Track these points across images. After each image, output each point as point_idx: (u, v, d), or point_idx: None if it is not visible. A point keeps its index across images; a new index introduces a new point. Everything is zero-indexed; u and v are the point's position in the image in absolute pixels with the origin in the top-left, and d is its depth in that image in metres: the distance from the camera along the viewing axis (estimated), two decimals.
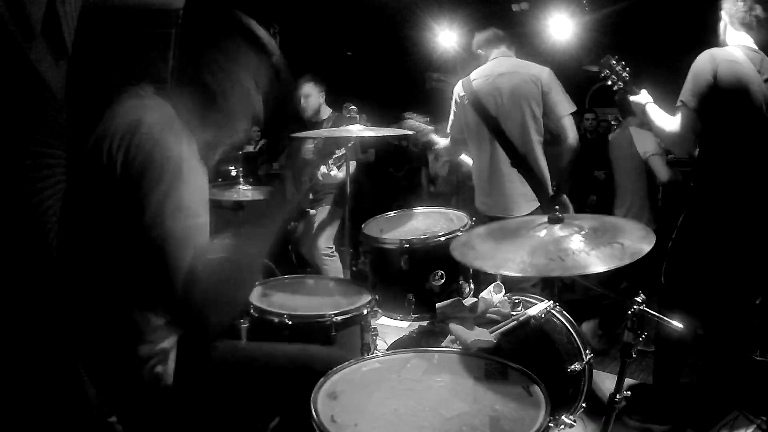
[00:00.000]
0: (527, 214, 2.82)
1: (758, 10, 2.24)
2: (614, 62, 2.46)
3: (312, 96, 4.01)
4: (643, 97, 2.46)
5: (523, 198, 2.86)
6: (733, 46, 2.27)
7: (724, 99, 2.18)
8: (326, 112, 4.07)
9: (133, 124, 1.22)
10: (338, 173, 3.61)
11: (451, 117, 3.12)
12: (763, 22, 2.25)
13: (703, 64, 2.22)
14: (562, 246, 1.45)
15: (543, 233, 1.55)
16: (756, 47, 2.26)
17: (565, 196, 2.85)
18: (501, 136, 2.85)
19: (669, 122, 2.35)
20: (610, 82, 2.49)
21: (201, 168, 1.27)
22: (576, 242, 1.46)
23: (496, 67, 2.92)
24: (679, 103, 2.28)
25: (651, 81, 2.56)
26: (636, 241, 1.41)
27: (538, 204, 2.84)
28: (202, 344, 1.48)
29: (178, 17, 2.99)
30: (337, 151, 3.64)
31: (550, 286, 3.01)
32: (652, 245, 1.38)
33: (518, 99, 2.82)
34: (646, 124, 2.55)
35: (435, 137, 3.24)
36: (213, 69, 1.36)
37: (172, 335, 1.41)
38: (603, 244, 1.41)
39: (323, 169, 3.80)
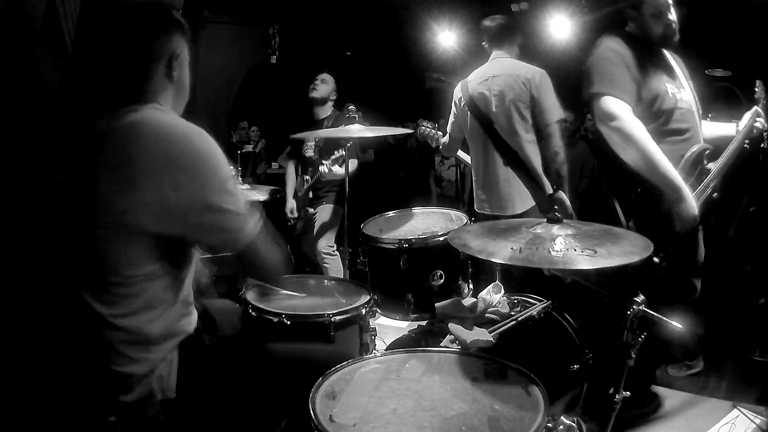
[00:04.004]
0: (522, 213, 2.89)
1: None
2: None
3: (328, 84, 4.02)
4: None
5: (518, 196, 2.92)
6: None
7: None
8: (328, 110, 4.09)
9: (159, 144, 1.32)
10: (340, 169, 3.61)
11: (451, 117, 3.23)
12: None
13: None
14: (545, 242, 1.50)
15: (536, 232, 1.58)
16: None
17: (563, 195, 2.87)
18: (494, 136, 2.93)
19: None
20: None
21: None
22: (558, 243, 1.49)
23: (491, 69, 3.00)
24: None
25: None
26: (619, 252, 1.42)
27: (532, 203, 2.89)
28: (202, 346, 1.49)
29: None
30: (336, 152, 3.65)
31: (549, 286, 3.02)
32: (631, 260, 1.39)
33: (508, 100, 2.89)
34: None
35: (445, 140, 3.32)
36: (173, 62, 1.47)
37: (174, 340, 1.41)
38: (581, 248, 1.45)
39: (323, 168, 3.82)
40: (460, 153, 3.37)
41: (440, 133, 3.34)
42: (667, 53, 2.39)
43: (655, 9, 2.24)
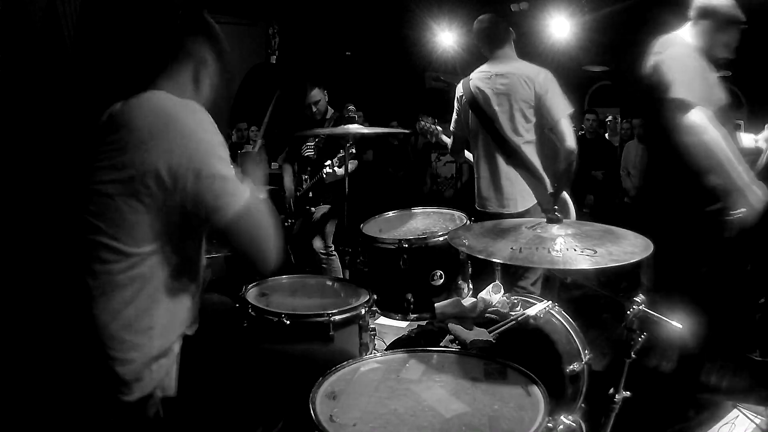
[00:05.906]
0: (523, 211, 2.88)
1: None
2: None
3: (321, 100, 4.09)
4: None
5: (519, 195, 2.91)
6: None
7: None
8: (329, 111, 4.12)
9: (164, 119, 1.32)
10: (341, 171, 3.62)
11: (454, 115, 3.22)
12: None
13: None
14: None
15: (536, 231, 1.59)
16: None
17: (565, 195, 2.87)
18: (495, 134, 2.91)
19: None
20: None
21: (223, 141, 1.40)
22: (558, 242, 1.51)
23: (493, 68, 2.99)
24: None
25: None
26: (618, 253, 1.44)
27: (534, 201, 2.89)
28: (202, 345, 1.49)
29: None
30: (340, 152, 3.66)
31: (549, 286, 3.02)
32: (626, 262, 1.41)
33: (510, 99, 2.87)
34: None
35: (444, 137, 3.33)
36: (201, 70, 1.49)
37: (177, 337, 1.41)
38: (581, 248, 1.47)
39: (326, 168, 3.83)
40: (467, 153, 3.37)
41: (439, 128, 3.34)
42: None
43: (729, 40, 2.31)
